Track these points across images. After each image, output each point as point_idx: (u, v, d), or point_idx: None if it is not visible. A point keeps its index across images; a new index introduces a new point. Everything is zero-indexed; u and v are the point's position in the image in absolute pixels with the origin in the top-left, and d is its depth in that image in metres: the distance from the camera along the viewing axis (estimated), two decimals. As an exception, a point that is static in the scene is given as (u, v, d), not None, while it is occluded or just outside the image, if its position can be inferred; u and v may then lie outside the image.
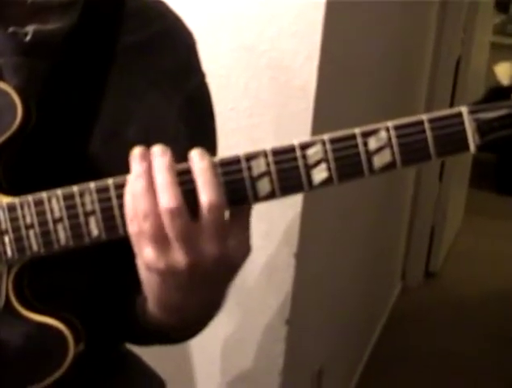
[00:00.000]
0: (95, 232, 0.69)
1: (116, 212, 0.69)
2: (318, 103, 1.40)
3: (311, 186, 0.68)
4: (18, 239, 0.71)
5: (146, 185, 0.66)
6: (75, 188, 0.69)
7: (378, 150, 0.67)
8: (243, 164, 0.68)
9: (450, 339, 2.81)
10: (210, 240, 0.66)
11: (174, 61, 0.86)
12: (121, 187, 0.68)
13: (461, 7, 2.89)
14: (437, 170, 3.10)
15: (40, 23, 0.77)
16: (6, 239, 0.71)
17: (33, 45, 0.76)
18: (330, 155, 0.67)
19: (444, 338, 2.82)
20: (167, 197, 0.65)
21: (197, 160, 0.67)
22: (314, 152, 0.67)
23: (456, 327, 2.90)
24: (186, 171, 0.67)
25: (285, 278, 1.51)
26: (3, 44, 0.76)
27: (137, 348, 0.97)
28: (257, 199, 0.68)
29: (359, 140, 0.67)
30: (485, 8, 3.22)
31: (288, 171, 0.68)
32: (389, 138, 0.67)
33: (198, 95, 0.89)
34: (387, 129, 0.67)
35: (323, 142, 0.67)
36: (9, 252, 0.72)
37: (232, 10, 1.39)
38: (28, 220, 0.70)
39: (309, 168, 0.67)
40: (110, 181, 0.69)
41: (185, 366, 1.60)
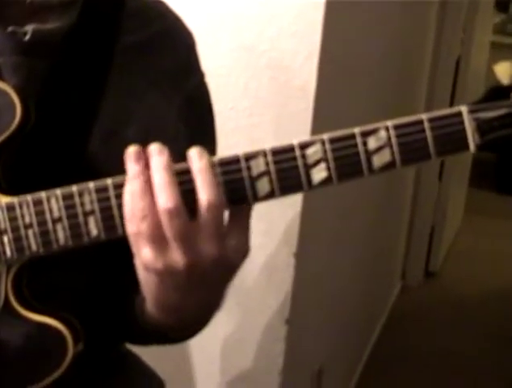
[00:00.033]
0: (94, 232, 0.69)
1: (115, 212, 0.69)
2: (318, 103, 1.40)
3: (310, 186, 0.68)
4: (17, 239, 0.71)
5: (143, 185, 0.66)
6: (74, 188, 0.69)
7: (377, 150, 0.67)
8: (242, 164, 0.67)
9: (450, 339, 2.81)
10: (208, 240, 0.66)
11: (174, 61, 0.86)
12: (120, 186, 0.68)
13: (461, 7, 2.88)
14: (437, 169, 3.10)
15: (40, 23, 0.77)
16: (5, 239, 0.71)
17: (32, 45, 0.76)
18: (330, 155, 0.67)
19: (444, 337, 2.82)
20: (165, 197, 0.65)
21: (195, 159, 0.67)
22: (313, 151, 0.67)
23: (456, 327, 2.90)
24: (184, 171, 0.67)
25: (285, 278, 1.51)
26: (2, 44, 0.76)
27: (137, 348, 0.96)
28: (256, 199, 0.68)
29: (359, 139, 0.67)
30: (485, 8, 3.22)
31: (288, 171, 0.67)
32: (389, 138, 0.67)
33: (197, 95, 0.89)
34: (386, 129, 0.67)
35: (322, 142, 0.67)
36: (8, 252, 0.71)
37: (231, 9, 1.39)
38: (27, 219, 0.70)
39: (309, 168, 0.67)
40: (109, 181, 0.69)
41: (184, 366, 1.60)
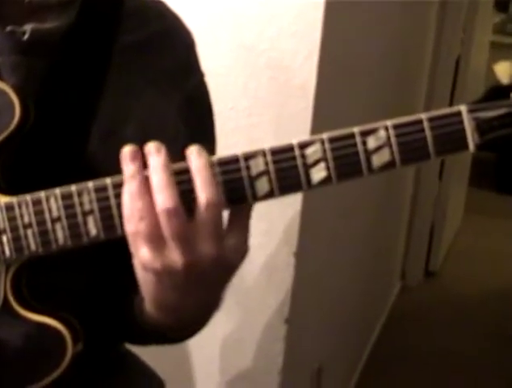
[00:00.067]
0: (93, 231, 0.69)
1: (114, 211, 0.68)
2: (317, 103, 1.40)
3: (310, 185, 0.67)
4: (16, 239, 0.71)
5: (140, 185, 0.66)
6: (73, 188, 0.69)
7: (377, 149, 0.67)
8: (241, 163, 0.67)
9: (449, 338, 2.81)
10: (207, 240, 0.66)
11: (173, 61, 0.86)
12: (119, 186, 0.68)
13: (461, 7, 2.88)
14: (437, 168, 3.10)
15: (38, 22, 0.76)
16: (4, 239, 0.71)
17: (31, 44, 0.76)
18: (329, 154, 0.67)
19: (444, 337, 2.82)
20: (163, 198, 0.65)
21: (194, 158, 0.67)
22: (313, 151, 0.67)
23: (456, 326, 2.90)
24: (182, 171, 0.67)
25: (284, 277, 1.51)
26: (1, 43, 0.76)
27: (136, 348, 0.96)
28: (255, 198, 0.68)
29: (358, 139, 0.67)
30: (485, 8, 3.22)
31: (287, 171, 0.67)
32: (388, 137, 0.67)
33: (197, 95, 0.89)
34: (386, 128, 0.67)
35: (322, 141, 0.67)
36: (7, 252, 0.71)
37: (231, 9, 1.39)
38: (26, 219, 0.70)
39: (308, 167, 0.67)
40: (108, 180, 0.69)
41: (184, 366, 1.60)
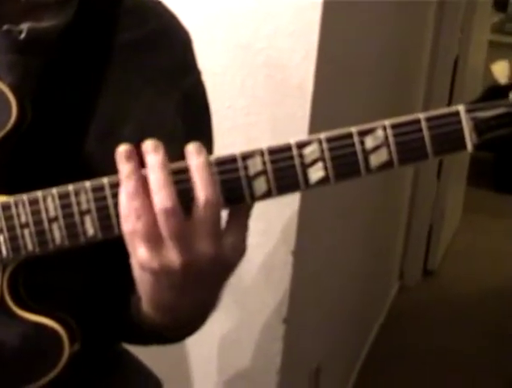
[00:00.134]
0: (91, 231, 0.69)
1: (112, 211, 0.68)
2: (315, 102, 1.40)
3: (307, 185, 0.67)
4: (12, 238, 0.70)
5: (136, 185, 0.66)
6: (70, 187, 0.69)
7: (375, 149, 0.67)
8: (239, 163, 0.67)
9: (448, 337, 2.81)
10: (205, 239, 0.66)
11: (170, 59, 0.86)
12: (116, 185, 0.68)
13: (459, 7, 2.88)
14: (435, 168, 3.10)
15: (35, 21, 0.76)
16: (1, 238, 0.71)
17: (28, 43, 0.75)
18: (327, 154, 0.67)
19: (442, 336, 2.82)
20: (161, 197, 0.65)
21: (194, 156, 0.67)
22: (311, 151, 0.67)
23: (454, 325, 2.90)
24: (180, 170, 0.67)
25: (283, 276, 1.50)
26: None
27: (133, 348, 0.96)
28: (253, 198, 0.68)
29: (356, 139, 0.67)
30: (483, 7, 3.22)
31: (285, 170, 0.67)
32: (386, 137, 0.67)
33: (194, 93, 0.89)
34: (384, 128, 0.67)
35: (319, 141, 0.67)
36: (3, 251, 0.71)
37: (228, 7, 1.39)
38: (23, 219, 0.70)
39: (306, 167, 0.67)
40: (105, 180, 0.68)
41: (181, 365, 1.60)
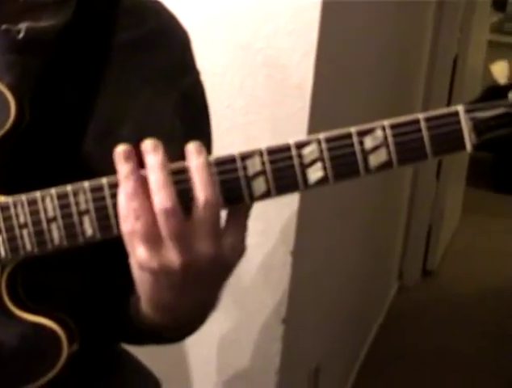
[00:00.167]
0: (89, 231, 0.69)
1: (110, 211, 0.68)
2: (314, 102, 1.40)
3: (306, 185, 0.67)
4: (11, 239, 0.70)
5: (135, 185, 0.66)
6: (69, 187, 0.69)
7: (374, 149, 0.67)
8: (238, 163, 0.67)
9: (447, 338, 2.81)
10: (204, 239, 0.66)
11: (169, 60, 0.85)
12: (115, 186, 0.68)
13: (458, 6, 2.88)
14: (434, 168, 3.10)
15: (33, 21, 0.76)
16: (0, 239, 0.71)
17: (26, 43, 0.75)
18: (326, 154, 0.67)
19: (441, 336, 2.82)
20: (161, 197, 0.65)
21: (194, 156, 0.67)
22: (310, 151, 0.67)
23: (453, 325, 2.90)
24: (180, 170, 0.67)
25: (282, 276, 1.50)
26: None
27: (132, 348, 0.96)
28: (252, 198, 0.68)
29: (355, 139, 0.67)
30: (482, 7, 3.22)
31: (284, 170, 0.67)
32: (385, 137, 0.66)
33: (192, 93, 0.89)
34: (383, 128, 0.67)
35: (318, 141, 0.67)
36: (2, 252, 0.71)
37: (227, 7, 1.39)
38: (22, 219, 0.70)
39: (305, 167, 0.67)
40: (104, 180, 0.68)
41: (181, 365, 1.59)
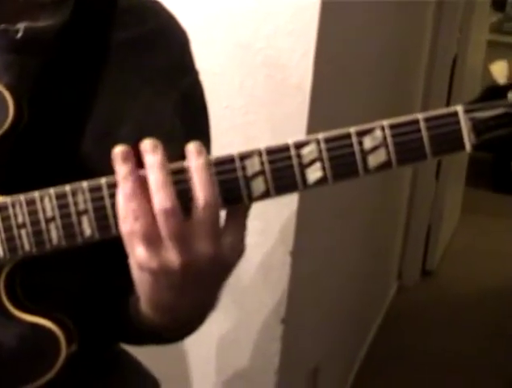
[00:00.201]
0: (88, 231, 0.69)
1: (109, 211, 0.68)
2: (314, 102, 1.40)
3: (305, 185, 0.67)
4: (9, 239, 0.70)
5: (133, 186, 0.66)
6: (67, 187, 0.69)
7: (373, 150, 0.66)
8: (237, 163, 0.67)
9: (446, 338, 2.81)
10: (204, 239, 0.66)
11: (168, 60, 0.85)
12: (114, 186, 0.68)
13: (457, 7, 2.88)
14: (433, 168, 3.10)
15: (32, 20, 0.76)
16: (-2, 239, 0.71)
17: (24, 42, 0.75)
18: (325, 154, 0.67)
19: (441, 336, 2.82)
20: (160, 197, 0.65)
21: (194, 157, 0.67)
22: (309, 151, 0.67)
23: (453, 326, 2.90)
24: (179, 170, 0.67)
25: (281, 276, 1.50)
26: None
27: (132, 348, 0.96)
28: (251, 198, 0.68)
29: (354, 139, 0.66)
30: (482, 7, 3.22)
31: (283, 170, 0.67)
32: (384, 137, 0.66)
33: (192, 94, 0.89)
34: (382, 128, 0.67)
35: (318, 141, 0.67)
36: (0, 252, 0.71)
37: (227, 7, 1.39)
38: (20, 219, 0.70)
39: (304, 167, 0.67)
40: (102, 180, 0.68)
41: (180, 365, 1.59)
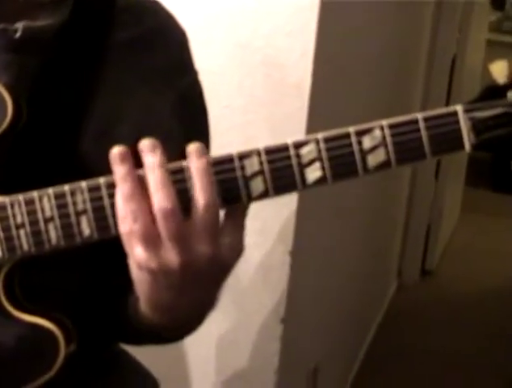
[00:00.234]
0: (87, 232, 0.69)
1: (108, 211, 0.68)
2: (313, 101, 1.40)
3: (304, 185, 0.67)
4: (8, 239, 0.70)
5: (132, 187, 0.66)
6: (66, 187, 0.69)
7: (372, 149, 0.66)
8: (236, 163, 0.67)
9: (446, 337, 2.81)
10: (203, 239, 0.66)
11: (167, 59, 0.85)
12: (113, 186, 0.67)
13: (456, 6, 2.89)
14: (433, 168, 3.10)
15: (30, 20, 0.76)
16: (-3, 239, 0.71)
17: (23, 42, 0.75)
18: (324, 154, 0.66)
19: (440, 336, 2.82)
20: (160, 197, 0.65)
21: (194, 158, 0.66)
22: (308, 151, 0.67)
23: (452, 325, 2.90)
24: (178, 170, 0.67)
25: (280, 276, 1.50)
26: None
27: (131, 348, 0.96)
28: (250, 198, 0.68)
29: (353, 139, 0.66)
30: (481, 6, 3.22)
31: (282, 170, 0.67)
32: (384, 137, 0.66)
33: (190, 93, 0.89)
34: (381, 128, 0.66)
35: (317, 141, 0.67)
36: (-1, 252, 0.71)
37: (226, 7, 1.39)
38: (19, 219, 0.70)
39: (303, 167, 0.67)
40: (101, 180, 0.68)
41: (179, 365, 1.59)
